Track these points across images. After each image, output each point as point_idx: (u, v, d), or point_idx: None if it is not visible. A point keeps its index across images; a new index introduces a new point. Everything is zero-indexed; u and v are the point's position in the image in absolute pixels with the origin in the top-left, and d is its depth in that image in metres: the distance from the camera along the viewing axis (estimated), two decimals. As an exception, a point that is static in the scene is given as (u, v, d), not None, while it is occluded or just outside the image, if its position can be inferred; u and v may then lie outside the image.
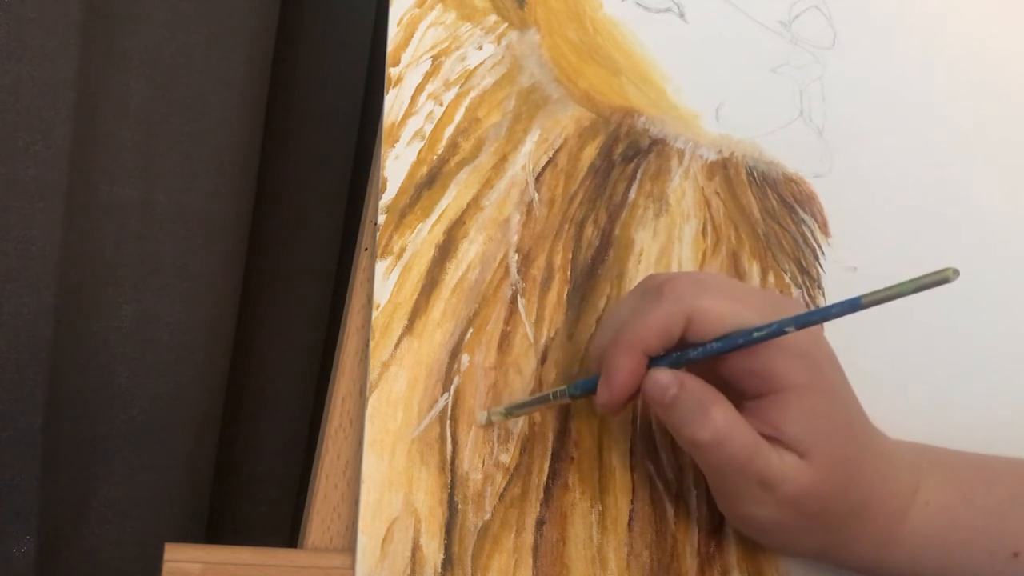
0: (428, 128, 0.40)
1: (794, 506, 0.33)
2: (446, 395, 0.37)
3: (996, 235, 0.48)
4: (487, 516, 0.35)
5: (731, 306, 0.33)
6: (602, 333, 0.35)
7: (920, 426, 0.38)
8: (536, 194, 0.41)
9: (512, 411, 0.37)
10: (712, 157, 0.45)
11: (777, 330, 0.31)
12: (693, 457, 0.34)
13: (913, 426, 0.37)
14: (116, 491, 0.49)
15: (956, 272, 0.27)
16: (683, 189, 0.43)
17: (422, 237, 0.39)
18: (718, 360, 0.33)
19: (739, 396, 0.33)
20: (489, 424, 0.37)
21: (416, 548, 0.34)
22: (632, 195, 0.43)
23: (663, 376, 0.33)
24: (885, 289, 0.29)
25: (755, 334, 0.32)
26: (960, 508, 0.35)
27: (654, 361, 0.33)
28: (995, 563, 0.34)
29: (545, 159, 0.42)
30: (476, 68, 0.42)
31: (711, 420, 0.32)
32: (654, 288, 0.33)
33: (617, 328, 0.34)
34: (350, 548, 0.34)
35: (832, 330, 0.33)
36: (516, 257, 0.40)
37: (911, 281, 0.28)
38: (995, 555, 0.34)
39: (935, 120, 0.49)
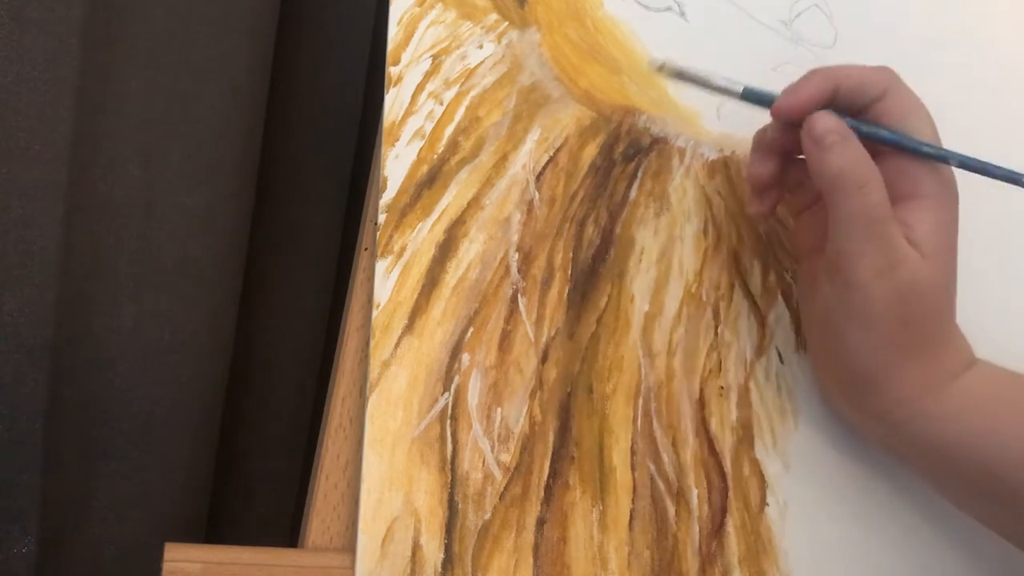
0: (428, 127, 0.40)
1: (903, 296, 0.35)
2: (446, 394, 0.37)
3: (997, 234, 0.48)
4: (487, 516, 0.35)
5: (920, 112, 0.37)
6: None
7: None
8: (537, 193, 0.41)
9: (682, 74, 0.39)
10: (713, 156, 0.45)
11: (941, 156, 0.36)
12: (829, 202, 0.36)
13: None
14: (116, 491, 0.49)
15: None
16: (684, 188, 0.43)
17: (422, 236, 0.39)
18: (877, 154, 0.36)
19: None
20: (660, 68, 0.39)
21: (416, 548, 0.34)
22: (633, 194, 0.43)
23: (831, 120, 0.36)
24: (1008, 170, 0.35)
25: (924, 148, 0.36)
26: (1010, 384, 0.37)
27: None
28: None
29: (546, 158, 0.42)
30: (476, 67, 0.42)
31: (864, 167, 0.35)
32: (877, 66, 0.38)
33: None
34: (350, 548, 0.34)
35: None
36: (517, 256, 0.40)
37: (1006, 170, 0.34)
38: None
39: (935, 119, 0.49)
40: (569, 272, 0.40)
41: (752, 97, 0.38)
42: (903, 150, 0.36)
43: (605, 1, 0.46)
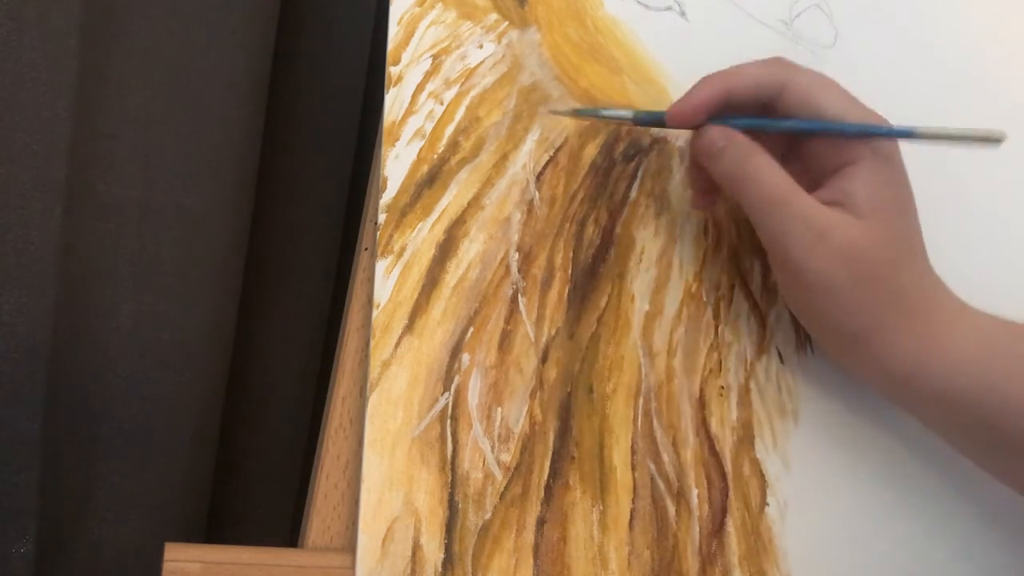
0: (428, 127, 0.40)
1: (846, 259, 0.35)
2: (447, 394, 0.37)
3: (1002, 231, 0.48)
4: (487, 515, 0.35)
5: (821, 94, 0.36)
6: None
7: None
8: (537, 193, 0.41)
9: (579, 113, 0.41)
10: (713, 156, 0.45)
11: (836, 131, 0.36)
12: (740, 202, 0.37)
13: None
14: (116, 491, 0.49)
15: (1003, 135, 0.33)
16: (684, 187, 0.43)
17: (422, 236, 0.39)
18: (805, 138, 0.37)
19: (819, 178, 0.36)
20: (553, 112, 0.40)
21: (416, 547, 0.34)
22: (633, 194, 0.43)
23: (714, 131, 0.37)
24: (940, 128, 0.35)
25: (818, 128, 0.36)
26: (1006, 334, 0.36)
27: (730, 120, 0.37)
28: None
29: (546, 158, 0.42)
30: (477, 67, 0.42)
31: (751, 159, 0.36)
32: (767, 59, 0.37)
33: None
34: (350, 548, 0.34)
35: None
36: (517, 256, 0.40)
37: (961, 130, 0.34)
38: None
39: (936, 119, 0.49)
40: (569, 272, 0.40)
41: (644, 120, 0.39)
42: (801, 134, 0.37)
43: (605, 1, 0.46)
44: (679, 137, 0.44)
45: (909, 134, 0.35)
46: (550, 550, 0.36)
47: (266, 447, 0.61)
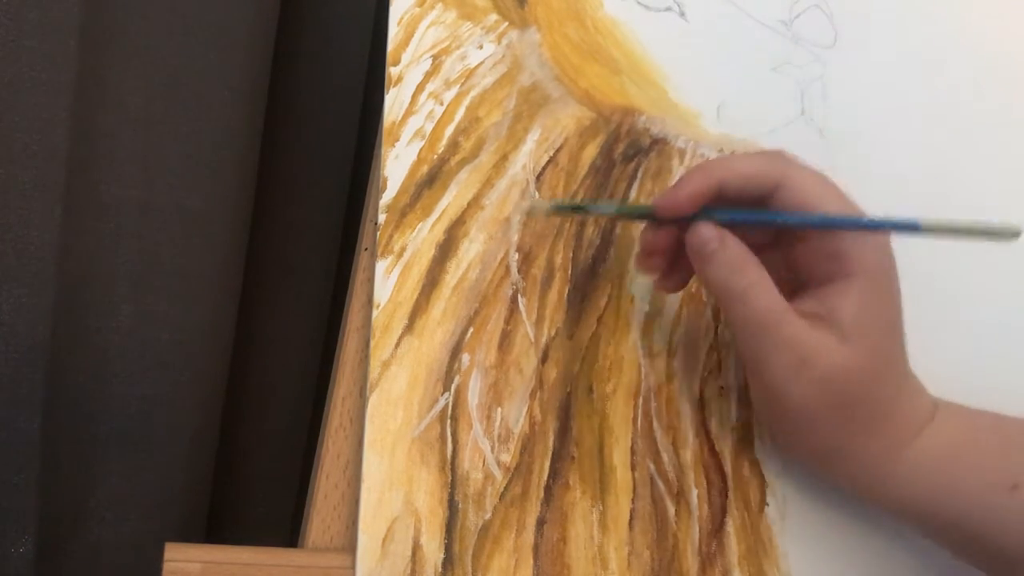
0: (428, 127, 0.40)
1: (827, 388, 0.34)
2: (446, 394, 0.37)
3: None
4: (487, 516, 0.35)
5: (818, 190, 0.34)
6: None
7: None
8: (537, 193, 0.41)
9: (558, 208, 0.38)
10: (713, 156, 0.45)
11: (848, 223, 0.33)
12: (728, 318, 0.36)
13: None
14: (116, 491, 0.49)
15: (1019, 230, 0.29)
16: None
17: (422, 236, 0.39)
18: (796, 241, 0.35)
19: (805, 283, 0.35)
20: (530, 213, 0.38)
21: (416, 547, 0.34)
22: (633, 194, 0.43)
23: (707, 230, 0.34)
24: (949, 222, 0.32)
25: (816, 222, 0.34)
26: (967, 441, 0.36)
27: (722, 214, 0.34)
28: (994, 494, 0.35)
29: (546, 158, 0.42)
30: (476, 67, 0.42)
31: (745, 273, 0.34)
32: (758, 150, 0.35)
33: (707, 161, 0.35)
34: (350, 548, 0.34)
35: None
36: (517, 256, 0.40)
37: (974, 222, 0.30)
38: (995, 486, 0.35)
39: (936, 119, 0.49)
40: (569, 272, 0.40)
41: (628, 213, 0.37)
42: (800, 228, 0.34)
43: (605, 1, 0.46)
44: (678, 138, 0.44)
45: (914, 227, 0.32)
46: (550, 550, 0.36)
47: (266, 447, 0.61)
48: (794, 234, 0.35)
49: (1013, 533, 0.34)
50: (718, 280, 0.34)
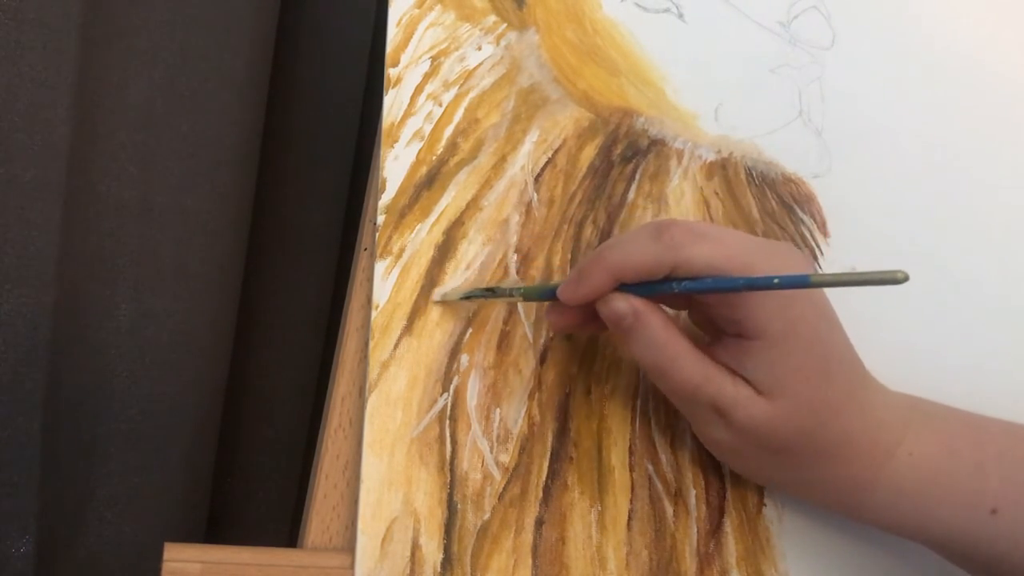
0: (427, 128, 0.40)
1: (748, 435, 0.34)
2: (445, 395, 0.37)
3: (996, 235, 0.48)
4: (486, 516, 0.35)
5: (718, 256, 0.33)
6: (589, 251, 0.37)
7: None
8: (535, 194, 0.41)
9: (468, 295, 0.38)
10: (711, 157, 0.45)
11: (736, 283, 0.32)
12: (653, 382, 0.36)
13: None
14: (116, 491, 0.49)
15: (906, 275, 0.27)
16: (682, 189, 0.43)
17: (421, 237, 0.39)
18: (702, 302, 0.35)
19: (720, 332, 0.35)
20: (441, 301, 0.38)
21: (415, 548, 0.34)
22: (631, 195, 0.43)
23: (620, 304, 0.34)
24: (834, 275, 0.30)
25: (713, 285, 0.32)
26: (944, 461, 0.35)
27: (627, 287, 0.34)
28: (974, 519, 0.34)
29: (544, 159, 0.42)
30: (475, 69, 0.42)
31: (663, 350, 0.33)
32: (653, 230, 0.34)
33: (606, 247, 0.34)
34: (350, 548, 0.34)
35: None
36: (515, 257, 0.40)
37: (861, 274, 0.28)
38: (975, 510, 0.34)
39: (934, 120, 0.49)
40: (568, 273, 0.40)
41: (535, 295, 0.37)
42: (697, 292, 0.33)
43: (604, 3, 0.46)
44: (677, 139, 0.44)
45: (804, 282, 0.30)
46: (549, 550, 0.36)
47: (266, 447, 0.61)
48: (698, 298, 0.35)
49: (999, 552, 0.34)
50: (638, 355, 0.34)
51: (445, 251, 0.39)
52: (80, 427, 0.47)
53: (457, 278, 0.39)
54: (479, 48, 0.43)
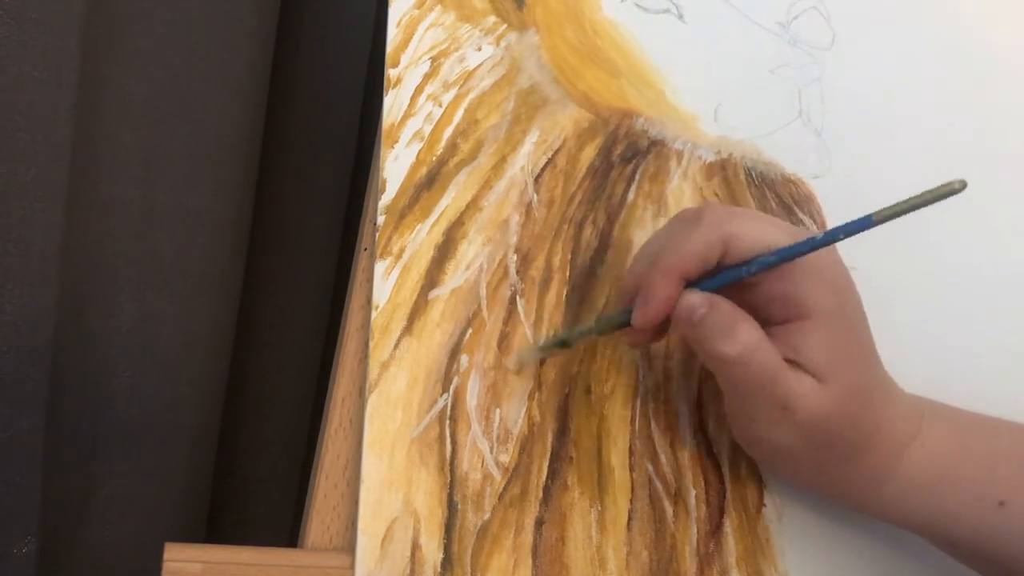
0: (427, 129, 0.41)
1: (808, 431, 0.34)
2: (445, 395, 0.37)
3: (996, 234, 0.48)
4: (486, 516, 0.36)
5: (765, 229, 0.33)
6: (638, 264, 0.36)
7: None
8: (535, 195, 0.41)
9: (543, 349, 0.38)
10: (711, 158, 0.45)
11: (805, 246, 0.32)
12: (718, 376, 0.35)
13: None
14: (116, 491, 0.49)
15: (963, 183, 0.28)
16: (682, 190, 0.44)
17: (421, 238, 0.39)
18: (749, 288, 0.34)
19: (765, 323, 0.34)
20: (520, 369, 0.38)
21: (416, 548, 0.34)
22: (631, 196, 0.43)
23: (694, 297, 0.34)
24: (895, 205, 0.31)
25: (785, 252, 0.33)
26: (955, 454, 0.36)
27: (688, 285, 0.34)
28: (982, 510, 0.35)
29: (544, 160, 0.42)
30: (475, 69, 0.42)
31: (738, 336, 0.33)
32: (691, 216, 0.34)
33: (654, 256, 0.35)
34: (350, 548, 0.34)
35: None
36: (515, 258, 0.40)
37: (919, 195, 0.29)
38: (983, 502, 0.35)
39: (934, 120, 0.49)
40: (567, 274, 0.40)
41: (608, 325, 0.37)
42: (770, 267, 0.33)
43: (604, 3, 0.46)
44: (676, 140, 0.44)
45: (867, 223, 0.31)
46: (549, 550, 0.36)
47: (266, 447, 0.61)
48: (748, 281, 0.34)
49: (1005, 545, 0.35)
50: (711, 345, 0.33)
51: (445, 251, 0.39)
52: (81, 427, 0.47)
53: (458, 278, 0.39)
54: (479, 49, 0.43)
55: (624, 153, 0.43)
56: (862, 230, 0.31)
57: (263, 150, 0.52)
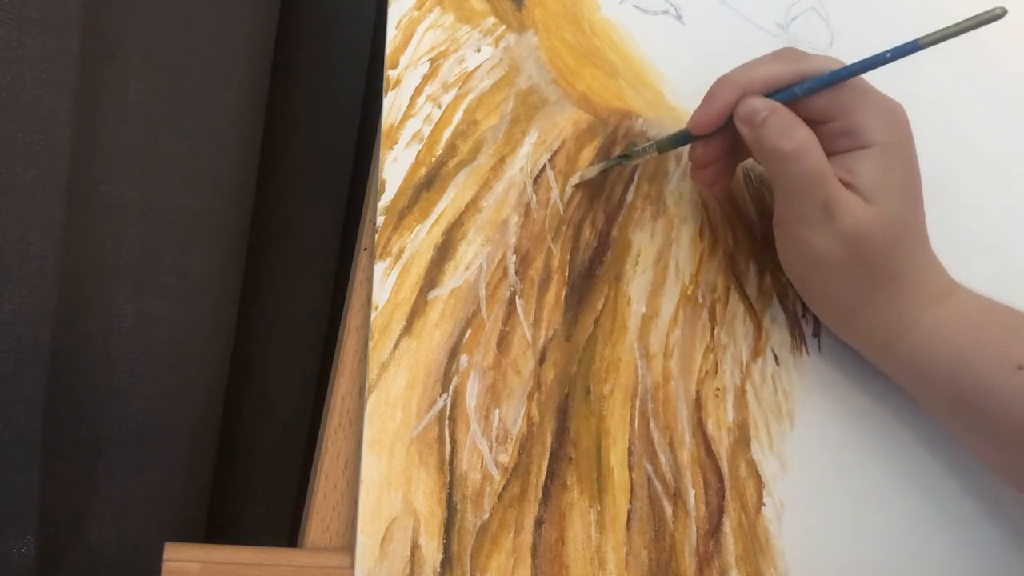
0: (426, 130, 0.41)
1: (849, 242, 0.36)
2: (445, 395, 0.37)
3: (996, 234, 0.48)
4: (486, 516, 0.36)
5: (832, 65, 0.37)
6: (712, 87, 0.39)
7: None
8: (534, 196, 0.41)
9: (606, 166, 0.41)
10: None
11: (854, 67, 0.36)
12: (772, 174, 0.38)
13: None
14: (116, 491, 0.49)
15: (1004, 10, 0.33)
16: (680, 191, 0.44)
17: (420, 238, 0.39)
18: (814, 124, 0.37)
19: (829, 154, 0.37)
20: (580, 182, 0.41)
21: (415, 548, 0.34)
22: (629, 197, 0.43)
23: (756, 102, 0.37)
24: (941, 29, 0.36)
25: (835, 74, 0.36)
26: (984, 318, 0.38)
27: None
28: (1000, 369, 0.37)
29: (543, 161, 0.42)
30: (474, 70, 0.42)
31: (796, 134, 0.36)
32: (771, 54, 0.38)
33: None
34: (349, 548, 0.34)
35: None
36: (514, 258, 0.40)
37: (964, 20, 0.33)
38: (1002, 363, 0.37)
39: (932, 120, 0.49)
40: (566, 274, 0.40)
41: (668, 145, 0.40)
42: (831, 84, 0.37)
43: (602, 4, 0.46)
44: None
45: (915, 47, 0.36)
46: (548, 550, 0.36)
47: (266, 447, 0.61)
48: (814, 117, 0.37)
49: (1015, 410, 0.36)
50: (770, 142, 0.36)
51: (444, 252, 0.39)
52: (81, 427, 0.47)
53: (457, 278, 0.39)
54: (478, 50, 0.43)
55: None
56: (910, 53, 0.35)
57: (263, 150, 0.52)
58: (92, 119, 0.43)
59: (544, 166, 0.42)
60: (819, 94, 0.37)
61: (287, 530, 0.63)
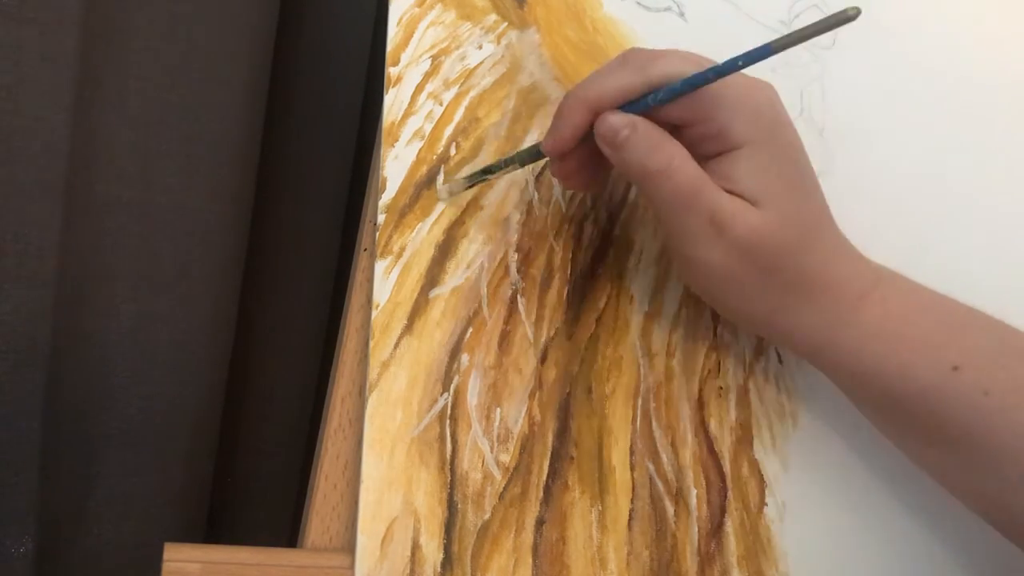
0: (428, 128, 0.40)
1: (746, 251, 0.34)
2: (446, 395, 0.37)
3: (998, 233, 0.48)
4: (487, 516, 0.35)
5: (686, 68, 0.34)
6: (564, 100, 0.36)
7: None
8: (536, 193, 0.41)
9: (471, 179, 0.38)
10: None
11: (709, 73, 0.33)
12: (647, 196, 0.35)
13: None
14: (115, 491, 0.49)
15: (857, 10, 0.29)
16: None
17: (421, 237, 0.39)
18: (677, 130, 0.35)
19: (700, 160, 0.35)
20: (450, 195, 0.39)
21: (415, 548, 0.34)
22: (632, 195, 0.43)
23: (616, 119, 0.34)
24: (792, 32, 0.32)
25: (690, 81, 0.33)
26: (914, 313, 0.36)
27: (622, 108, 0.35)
28: (936, 371, 0.35)
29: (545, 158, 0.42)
30: (476, 67, 0.42)
31: (662, 150, 0.34)
32: (616, 59, 0.35)
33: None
34: (349, 548, 0.34)
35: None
36: (516, 256, 0.40)
37: (814, 24, 0.30)
38: (938, 363, 0.35)
39: (935, 119, 0.49)
40: (568, 272, 0.40)
41: (527, 158, 0.38)
42: (682, 95, 0.34)
43: (604, 1, 0.46)
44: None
45: (766, 52, 0.32)
46: (549, 550, 0.36)
47: (266, 447, 0.61)
48: (676, 123, 0.35)
49: (953, 411, 0.35)
50: (636, 162, 0.34)
51: (446, 250, 0.39)
52: (80, 427, 0.47)
53: (458, 277, 0.39)
54: (480, 47, 0.43)
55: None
56: (761, 58, 0.32)
57: (263, 150, 0.52)
58: (91, 119, 0.43)
59: (545, 164, 0.42)
60: (674, 101, 0.34)
61: (287, 530, 0.62)
